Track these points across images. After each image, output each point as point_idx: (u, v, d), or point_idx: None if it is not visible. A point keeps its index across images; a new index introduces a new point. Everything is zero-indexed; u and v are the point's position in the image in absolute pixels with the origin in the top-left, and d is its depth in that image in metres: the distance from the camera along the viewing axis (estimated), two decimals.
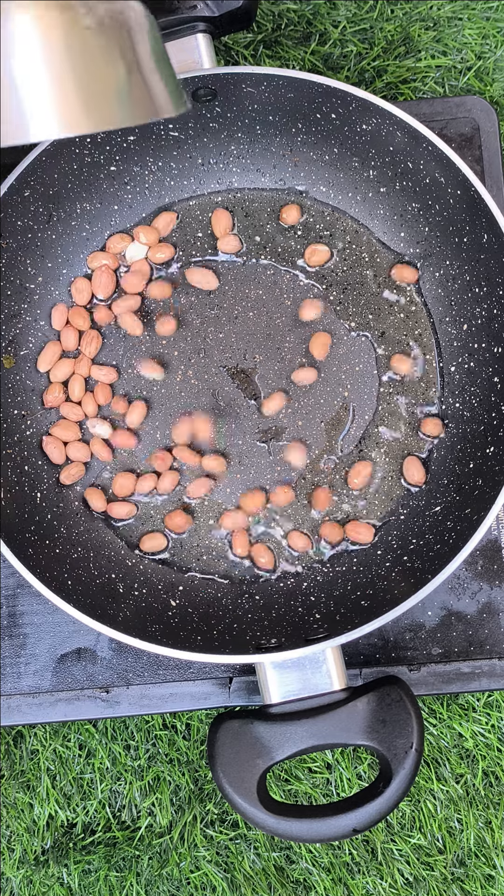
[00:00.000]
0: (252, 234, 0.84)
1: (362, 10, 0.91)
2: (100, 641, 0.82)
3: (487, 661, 0.81)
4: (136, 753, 0.88)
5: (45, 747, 0.88)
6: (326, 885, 0.86)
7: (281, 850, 0.87)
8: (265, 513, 0.80)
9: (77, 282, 0.83)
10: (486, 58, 0.91)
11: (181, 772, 0.87)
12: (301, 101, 0.77)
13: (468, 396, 0.79)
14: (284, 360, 0.82)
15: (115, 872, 0.87)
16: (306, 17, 0.91)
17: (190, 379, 0.82)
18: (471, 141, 0.86)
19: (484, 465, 0.76)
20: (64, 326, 0.82)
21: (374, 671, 0.81)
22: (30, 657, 0.82)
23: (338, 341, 0.83)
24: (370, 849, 0.87)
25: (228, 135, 0.81)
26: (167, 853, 0.87)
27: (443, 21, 0.91)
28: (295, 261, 0.83)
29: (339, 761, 0.87)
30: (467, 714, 0.87)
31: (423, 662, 0.81)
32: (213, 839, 0.87)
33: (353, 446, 0.81)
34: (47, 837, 0.88)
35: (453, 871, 0.87)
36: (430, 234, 0.80)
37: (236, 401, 0.82)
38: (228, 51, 0.91)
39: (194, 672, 0.81)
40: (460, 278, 0.79)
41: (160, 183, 0.83)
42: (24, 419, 0.81)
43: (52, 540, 0.78)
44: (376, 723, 0.70)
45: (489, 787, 0.87)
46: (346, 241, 0.83)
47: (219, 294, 0.83)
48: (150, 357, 0.82)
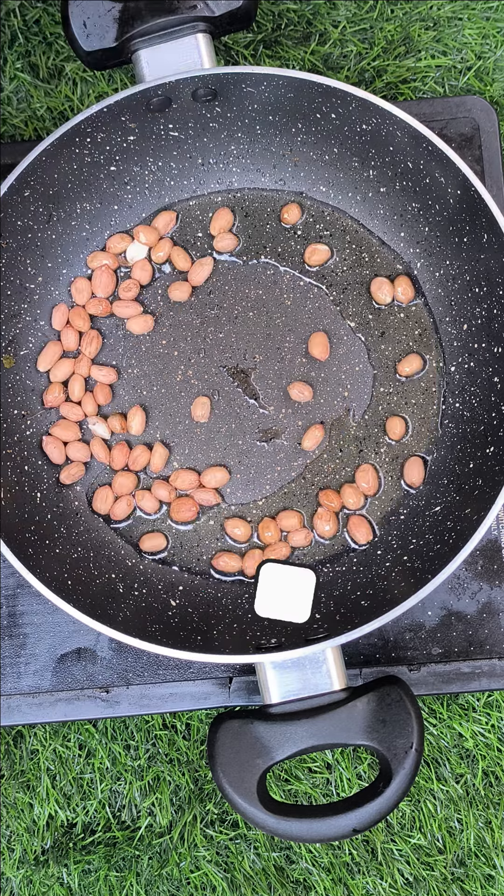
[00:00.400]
0: (252, 233, 0.84)
1: (362, 10, 0.91)
2: (100, 641, 0.82)
3: (487, 661, 0.81)
4: (135, 753, 0.88)
5: (44, 747, 0.88)
6: (326, 885, 0.86)
7: (281, 850, 0.87)
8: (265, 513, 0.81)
9: (77, 282, 0.83)
10: (486, 58, 0.91)
11: (181, 772, 0.87)
12: (301, 101, 0.77)
13: (468, 396, 0.79)
14: (284, 360, 0.82)
15: (115, 872, 0.87)
16: (306, 17, 0.91)
17: (190, 379, 0.82)
18: (471, 141, 0.86)
19: (484, 465, 0.76)
20: (64, 326, 0.82)
21: (374, 671, 0.81)
22: (30, 657, 0.82)
23: (338, 341, 0.83)
24: (370, 849, 0.87)
25: (228, 135, 0.81)
26: (167, 853, 0.87)
27: (443, 21, 0.91)
28: (295, 261, 0.83)
29: (339, 761, 0.87)
30: (467, 714, 0.87)
31: (423, 662, 0.81)
32: (213, 839, 0.87)
33: (353, 446, 0.81)
34: (47, 837, 0.88)
35: (453, 871, 0.87)
36: (430, 234, 0.80)
37: (236, 401, 0.82)
38: (228, 51, 0.91)
39: (194, 672, 0.81)
40: (460, 278, 0.79)
41: (160, 183, 0.83)
42: (24, 419, 0.81)
43: (52, 540, 0.78)
44: (376, 723, 0.70)
45: (489, 787, 0.87)
46: (346, 241, 0.83)
47: (219, 294, 0.83)
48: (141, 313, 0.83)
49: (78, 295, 0.82)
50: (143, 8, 0.76)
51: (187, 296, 0.83)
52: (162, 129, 0.79)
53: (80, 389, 0.82)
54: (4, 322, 0.79)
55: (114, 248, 0.83)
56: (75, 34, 0.77)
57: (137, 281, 0.83)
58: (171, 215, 0.84)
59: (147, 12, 0.76)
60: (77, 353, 0.82)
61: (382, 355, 0.82)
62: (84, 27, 0.77)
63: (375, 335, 0.82)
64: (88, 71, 0.91)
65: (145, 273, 0.83)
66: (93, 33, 0.77)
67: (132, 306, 0.83)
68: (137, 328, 0.83)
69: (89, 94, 0.92)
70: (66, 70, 0.92)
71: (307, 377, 0.82)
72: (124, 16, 0.77)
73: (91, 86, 0.92)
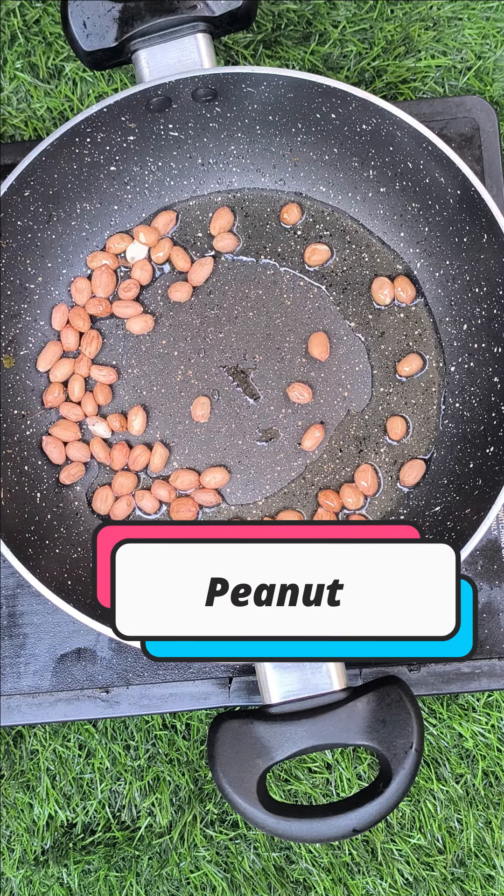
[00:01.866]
0: (252, 233, 0.84)
1: (362, 10, 0.91)
2: (100, 641, 0.82)
3: (487, 661, 0.81)
4: (135, 753, 0.88)
5: (44, 747, 0.88)
6: (326, 886, 0.86)
7: (281, 850, 0.87)
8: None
9: (77, 282, 0.83)
10: (486, 58, 0.91)
11: (181, 772, 0.87)
12: (301, 101, 0.77)
13: (468, 396, 0.79)
14: (284, 360, 0.82)
15: (115, 872, 0.87)
16: (306, 16, 0.91)
17: (190, 379, 0.82)
18: (471, 141, 0.86)
19: (484, 465, 0.76)
20: (64, 326, 0.82)
21: (374, 671, 0.81)
22: (30, 657, 0.82)
23: (338, 341, 0.83)
24: (370, 849, 0.87)
25: (228, 135, 0.81)
26: (167, 853, 0.87)
27: (443, 21, 0.91)
28: (295, 261, 0.83)
29: (339, 761, 0.87)
30: (467, 714, 0.87)
31: (424, 663, 0.81)
32: (213, 839, 0.87)
33: (353, 446, 0.81)
34: (47, 837, 0.88)
35: (453, 872, 0.87)
36: (430, 234, 0.80)
37: (236, 401, 0.82)
38: (228, 50, 0.91)
39: (194, 672, 0.82)
40: (460, 278, 0.79)
41: (160, 183, 0.83)
42: (24, 419, 0.81)
43: (51, 540, 0.78)
44: (376, 723, 0.70)
45: (489, 787, 0.87)
46: (345, 241, 0.83)
47: (219, 294, 0.83)
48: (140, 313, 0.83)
49: (78, 295, 0.83)
50: (142, 8, 0.76)
51: (187, 296, 0.83)
52: (162, 129, 0.79)
53: (81, 389, 0.82)
54: (4, 322, 0.79)
55: (114, 248, 0.83)
56: (75, 34, 0.77)
57: (137, 281, 0.83)
58: (171, 215, 0.84)
59: (147, 12, 0.76)
60: (77, 354, 0.82)
61: (382, 355, 0.82)
62: (84, 27, 0.77)
63: (375, 335, 0.83)
64: (88, 71, 0.91)
65: (145, 273, 0.83)
66: (92, 33, 0.77)
67: (132, 306, 0.83)
68: (137, 328, 0.83)
69: (89, 94, 0.92)
70: (66, 70, 0.92)
71: (307, 377, 0.82)
72: (124, 16, 0.77)
73: (91, 86, 0.92)
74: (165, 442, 0.82)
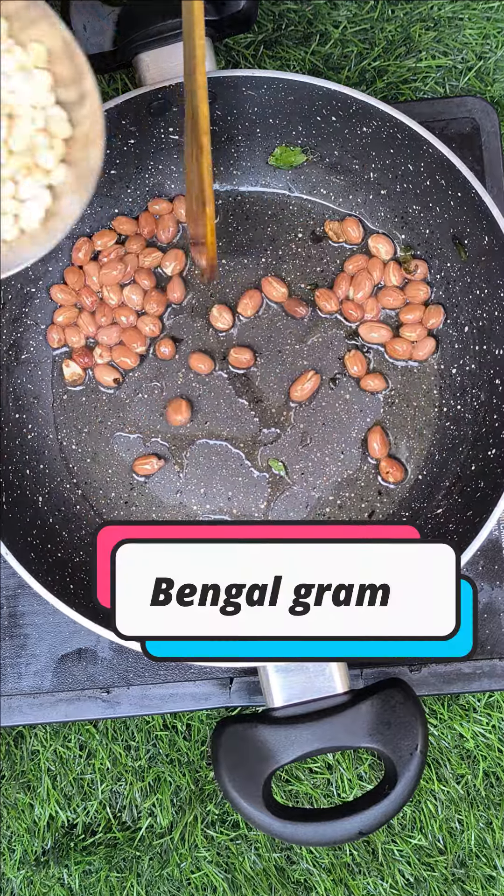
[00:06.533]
0: (252, 235, 0.83)
1: (363, 11, 0.91)
2: (100, 642, 0.82)
3: (488, 661, 0.82)
4: (136, 754, 0.88)
5: (45, 748, 0.88)
6: (327, 886, 0.87)
7: (282, 850, 0.87)
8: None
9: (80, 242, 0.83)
10: (487, 58, 0.91)
11: (182, 772, 0.87)
12: (301, 104, 0.77)
13: (469, 398, 0.79)
14: (285, 363, 0.82)
15: (116, 873, 0.87)
16: (307, 17, 0.91)
17: (191, 381, 0.82)
18: (471, 141, 0.86)
19: (486, 468, 0.76)
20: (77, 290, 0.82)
21: (375, 672, 0.81)
22: (30, 657, 0.82)
23: (338, 342, 0.83)
24: (371, 849, 0.87)
25: (228, 137, 0.81)
26: (168, 854, 0.87)
27: (443, 21, 0.91)
28: (296, 263, 0.83)
29: (340, 762, 0.87)
30: (468, 714, 0.87)
31: (424, 663, 0.82)
32: (214, 840, 0.87)
33: (355, 448, 0.81)
34: (48, 838, 0.88)
35: (454, 872, 0.87)
36: (431, 237, 0.80)
37: (236, 402, 0.82)
38: (229, 51, 0.91)
39: (195, 672, 0.82)
40: (461, 280, 0.79)
41: (160, 186, 0.83)
42: (25, 422, 0.81)
43: (53, 544, 0.78)
44: (381, 725, 0.71)
45: (490, 787, 0.88)
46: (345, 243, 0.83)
47: (219, 295, 0.83)
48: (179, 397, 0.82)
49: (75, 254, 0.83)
50: (143, 11, 0.76)
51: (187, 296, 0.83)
52: (162, 132, 0.79)
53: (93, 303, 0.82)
54: (5, 326, 0.79)
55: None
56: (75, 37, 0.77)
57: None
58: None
59: (147, 16, 0.76)
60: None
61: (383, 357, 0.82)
62: (84, 30, 0.77)
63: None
64: None
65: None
66: (93, 36, 0.77)
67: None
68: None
69: None
70: None
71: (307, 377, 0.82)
72: (124, 19, 0.76)
73: None
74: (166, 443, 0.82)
